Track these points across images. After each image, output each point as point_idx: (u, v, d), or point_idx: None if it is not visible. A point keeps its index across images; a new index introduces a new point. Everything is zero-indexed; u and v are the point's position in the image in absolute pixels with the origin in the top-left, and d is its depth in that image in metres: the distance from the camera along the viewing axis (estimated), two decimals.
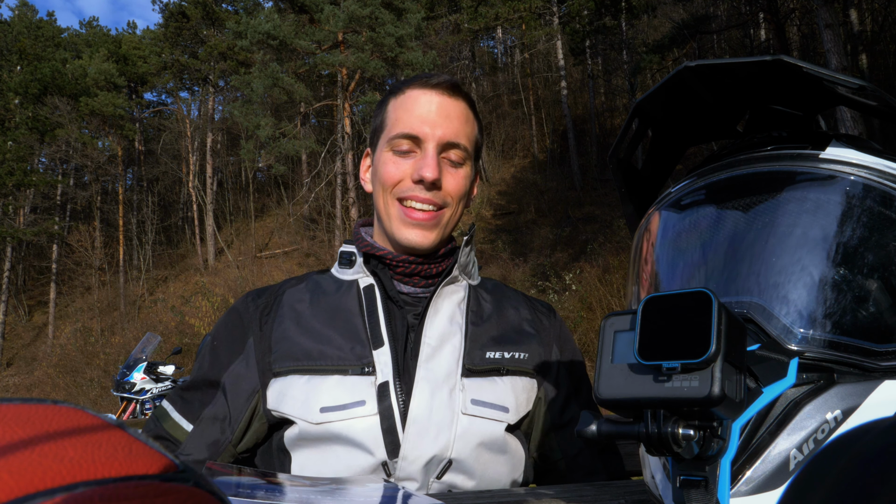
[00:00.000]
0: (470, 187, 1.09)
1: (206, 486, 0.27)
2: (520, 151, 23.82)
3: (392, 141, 1.02)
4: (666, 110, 0.75)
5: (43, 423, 0.25)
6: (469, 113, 1.07)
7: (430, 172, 0.98)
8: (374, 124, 1.11)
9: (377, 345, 0.98)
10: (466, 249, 1.06)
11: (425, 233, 1.02)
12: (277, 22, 16.13)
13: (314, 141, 17.78)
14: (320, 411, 0.92)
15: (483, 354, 1.01)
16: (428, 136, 1.01)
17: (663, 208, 0.70)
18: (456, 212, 1.06)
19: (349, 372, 0.95)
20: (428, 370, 0.96)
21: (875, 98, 0.62)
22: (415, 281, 1.05)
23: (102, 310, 23.46)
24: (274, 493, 0.64)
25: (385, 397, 0.93)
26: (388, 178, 1.02)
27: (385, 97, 1.10)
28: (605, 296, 11.62)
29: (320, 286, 1.08)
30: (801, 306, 0.54)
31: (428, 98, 1.02)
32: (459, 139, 1.03)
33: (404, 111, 1.03)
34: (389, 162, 1.03)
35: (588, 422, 0.48)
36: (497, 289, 1.15)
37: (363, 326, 1.00)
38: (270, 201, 27.48)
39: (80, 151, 25.15)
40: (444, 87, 1.04)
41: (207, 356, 1.05)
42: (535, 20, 20.73)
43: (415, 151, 1.02)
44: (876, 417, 0.50)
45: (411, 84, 1.05)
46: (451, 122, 1.02)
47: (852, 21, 15.36)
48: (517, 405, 1.00)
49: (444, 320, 1.02)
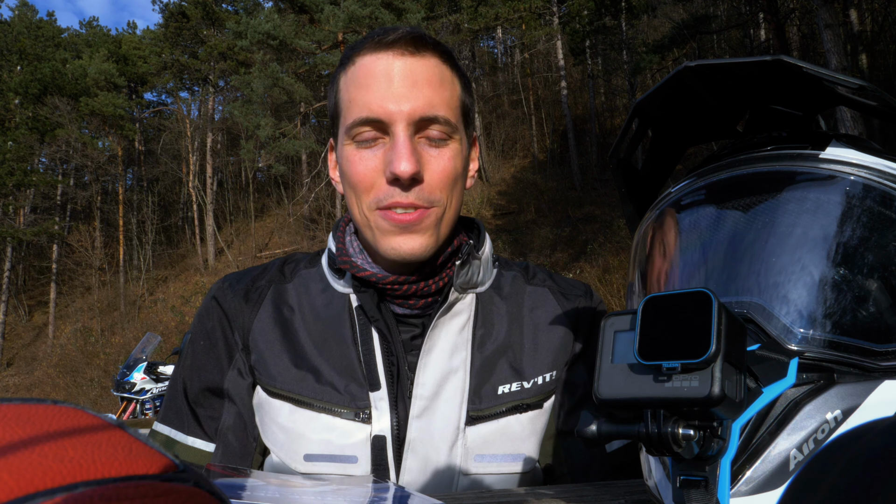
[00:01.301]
0: (463, 167, 0.85)
1: (206, 486, 0.27)
2: (520, 151, 23.82)
3: (351, 130, 0.79)
4: (666, 110, 0.75)
5: (43, 423, 0.25)
6: (444, 70, 0.81)
7: (406, 165, 0.75)
8: (329, 108, 0.88)
9: (374, 387, 0.82)
10: (464, 271, 0.85)
11: (416, 237, 0.80)
12: (277, 22, 16.13)
13: (314, 141, 17.77)
14: (304, 459, 0.80)
15: (494, 391, 0.84)
16: (393, 116, 0.77)
17: (663, 208, 0.70)
18: (450, 205, 0.83)
19: (342, 415, 0.81)
20: (420, 429, 0.81)
21: (875, 98, 0.62)
22: (410, 303, 0.85)
23: (102, 310, 23.46)
24: (274, 494, 0.64)
25: (380, 455, 0.80)
26: (356, 181, 0.80)
27: (336, 71, 0.85)
28: (605, 296, 11.61)
29: (309, 292, 0.90)
30: (801, 306, 0.54)
31: (385, 64, 0.78)
32: (436, 110, 0.78)
33: (357, 88, 0.79)
34: (353, 159, 0.80)
35: (588, 421, 0.48)
36: (516, 284, 0.94)
37: (358, 360, 0.84)
38: (270, 201, 27.49)
39: (80, 151, 25.15)
40: (404, 43, 0.78)
41: (199, 360, 0.91)
42: (535, 20, 20.73)
43: (382, 139, 0.79)
44: (876, 417, 0.50)
45: (362, 49, 0.80)
46: (421, 90, 0.77)
47: (852, 21, 15.36)
48: (538, 442, 0.86)
49: (442, 358, 0.84)
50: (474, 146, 0.92)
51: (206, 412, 0.89)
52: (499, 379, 0.86)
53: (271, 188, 28.12)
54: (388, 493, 0.72)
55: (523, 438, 0.84)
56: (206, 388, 0.90)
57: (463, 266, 0.85)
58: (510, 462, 0.83)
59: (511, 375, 0.86)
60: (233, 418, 0.87)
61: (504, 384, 0.85)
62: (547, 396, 0.88)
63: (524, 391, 0.86)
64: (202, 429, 0.89)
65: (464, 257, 0.85)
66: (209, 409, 0.89)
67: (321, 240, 20.82)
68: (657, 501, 0.56)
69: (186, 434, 0.90)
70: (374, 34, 0.81)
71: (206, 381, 0.90)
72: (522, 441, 0.84)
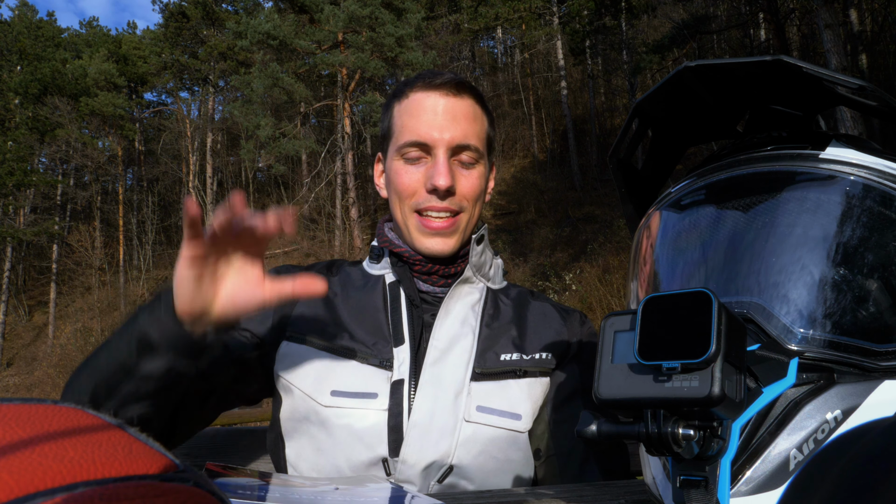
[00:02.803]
0: (485, 185, 1.08)
1: (206, 486, 0.27)
2: (520, 151, 23.82)
3: (401, 149, 1.01)
4: (666, 110, 0.75)
5: (43, 423, 0.25)
6: (477, 109, 1.04)
7: (444, 180, 0.97)
8: (382, 129, 1.10)
9: (398, 342, 0.97)
10: (478, 248, 1.04)
11: (445, 240, 1.01)
12: (277, 22, 16.13)
13: (314, 141, 17.78)
14: (331, 394, 0.92)
15: (497, 357, 0.99)
16: (437, 142, 0.99)
17: (663, 208, 0.70)
18: (473, 214, 1.04)
19: (367, 362, 0.95)
20: (433, 374, 0.95)
21: (875, 98, 0.62)
22: (433, 280, 1.04)
23: (102, 310, 23.47)
24: (274, 494, 0.64)
25: (397, 395, 0.93)
26: (402, 188, 1.01)
27: (389, 100, 1.08)
28: (605, 296, 11.62)
29: (350, 279, 1.08)
30: (801, 306, 0.54)
31: (433, 101, 1.00)
32: (469, 140, 1.01)
33: (409, 117, 1.01)
34: (401, 172, 1.02)
35: (588, 422, 0.48)
36: (521, 296, 1.12)
37: (386, 323, 1.00)
38: (270, 201, 27.49)
39: (80, 151, 25.16)
40: (449, 86, 1.01)
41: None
42: (535, 20, 20.74)
43: (425, 158, 1.01)
44: (876, 417, 0.50)
45: (414, 86, 1.03)
46: (459, 124, 1.00)
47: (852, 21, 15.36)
48: (533, 410, 0.97)
49: (456, 322, 1.01)
50: (493, 170, 1.13)
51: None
52: (502, 349, 1.00)
53: (271, 188, 28.12)
54: (388, 493, 0.72)
55: (520, 400, 0.97)
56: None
57: (479, 243, 1.04)
58: (507, 419, 0.95)
59: (512, 348, 1.01)
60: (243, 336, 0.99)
61: (506, 353, 1.00)
62: (543, 372, 1.01)
63: (523, 361, 1.00)
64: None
65: (478, 236, 1.04)
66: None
67: (321, 240, 20.83)
68: (657, 501, 0.56)
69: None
70: (426, 75, 1.03)
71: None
72: (519, 402, 0.97)
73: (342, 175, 18.29)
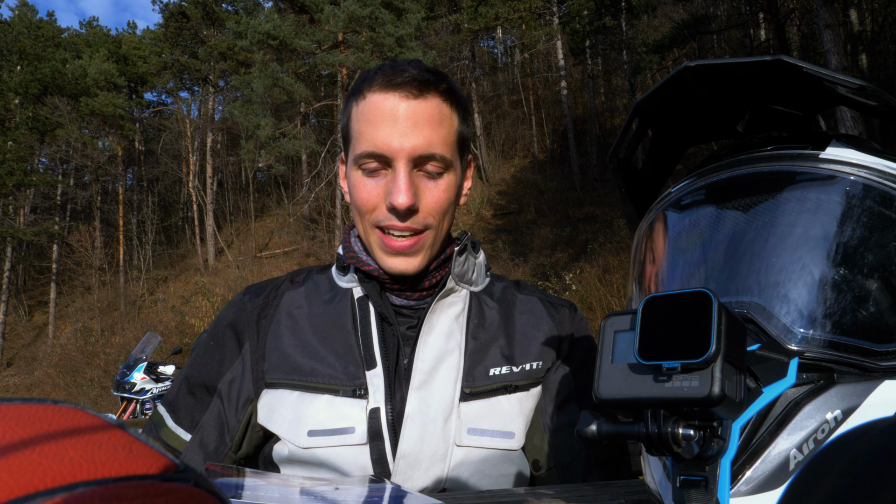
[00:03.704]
0: (456, 195, 0.97)
1: (206, 486, 0.27)
2: (520, 151, 23.83)
3: (358, 160, 0.91)
4: (666, 110, 0.75)
5: (43, 423, 0.25)
6: (444, 109, 0.91)
7: (403, 198, 0.87)
8: (342, 128, 0.99)
9: (370, 365, 0.91)
10: (461, 259, 0.97)
11: (409, 259, 0.92)
12: (277, 22, 16.13)
13: (314, 141, 17.78)
14: (308, 435, 0.87)
15: (486, 372, 0.93)
16: (396, 153, 0.87)
17: (663, 208, 0.70)
18: (441, 229, 0.94)
19: (339, 393, 0.89)
20: (420, 399, 0.89)
21: (875, 98, 0.62)
22: (407, 294, 0.96)
23: (102, 310, 23.47)
24: (274, 494, 0.64)
25: (375, 423, 0.87)
26: (361, 204, 0.92)
27: (348, 98, 0.97)
28: (605, 296, 11.62)
29: (318, 291, 1.01)
30: (801, 306, 0.54)
31: (391, 104, 0.88)
32: (433, 149, 0.89)
33: (366, 123, 0.89)
34: (359, 185, 0.92)
35: (588, 422, 0.48)
36: (506, 292, 1.05)
37: (356, 344, 0.93)
38: (270, 201, 27.49)
39: (80, 151, 25.16)
40: (410, 87, 0.88)
41: (203, 357, 1.00)
42: (535, 20, 20.74)
43: (385, 170, 0.90)
44: (876, 417, 0.50)
45: (373, 84, 0.90)
46: (422, 131, 0.88)
47: (852, 21, 15.36)
48: (525, 425, 0.93)
49: (440, 339, 0.94)
50: (469, 168, 1.03)
51: (193, 403, 0.98)
52: (490, 363, 0.94)
53: (271, 188, 28.12)
54: (386, 493, 0.72)
55: (512, 417, 0.92)
56: (202, 383, 0.98)
57: (461, 254, 0.97)
58: (500, 438, 0.90)
59: (501, 360, 0.95)
60: (215, 415, 0.94)
61: (495, 367, 0.94)
62: (534, 383, 0.96)
63: (513, 374, 0.94)
64: (187, 418, 0.97)
65: (461, 246, 0.97)
66: (196, 401, 0.98)
67: (321, 240, 20.83)
68: (657, 501, 0.56)
69: (172, 420, 0.98)
70: (386, 70, 0.91)
71: (204, 378, 0.98)
72: (511, 419, 0.92)
73: None
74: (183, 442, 0.95)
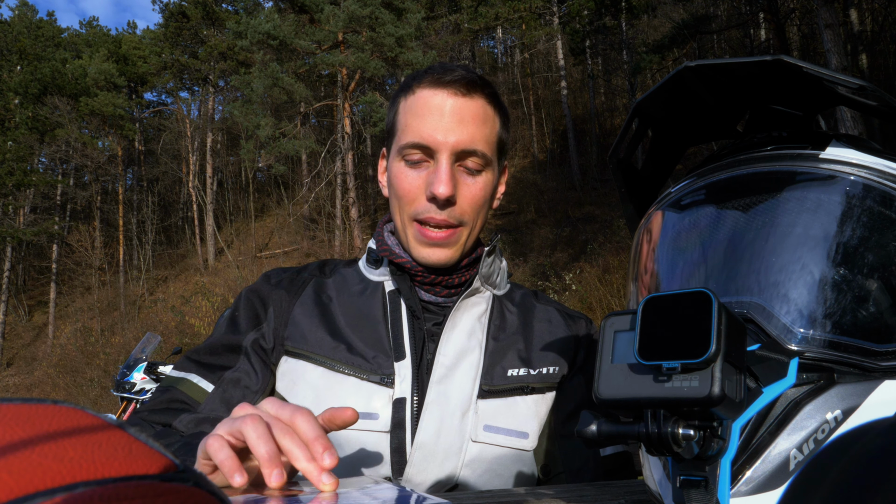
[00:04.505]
0: (492, 194, 1.01)
1: (206, 486, 0.27)
2: (520, 151, 23.82)
3: (403, 150, 0.94)
4: (666, 110, 0.75)
5: (43, 423, 0.25)
6: (488, 110, 0.96)
7: (444, 188, 0.90)
8: (388, 123, 1.03)
9: (399, 356, 0.93)
10: (489, 260, 1.00)
11: (444, 250, 0.95)
12: (277, 22, 16.13)
13: (314, 141, 17.77)
14: None
15: (504, 372, 0.95)
16: (440, 146, 0.91)
17: (663, 208, 0.70)
18: (475, 227, 0.98)
19: (367, 379, 0.91)
20: (439, 392, 0.91)
21: (875, 98, 0.62)
22: (436, 290, 0.99)
23: (102, 310, 23.47)
24: (274, 493, 0.64)
25: (399, 413, 0.89)
26: (402, 193, 0.95)
27: (396, 94, 1.01)
28: (605, 296, 11.62)
29: (347, 284, 1.03)
30: (801, 306, 0.54)
31: (440, 100, 0.92)
32: (476, 145, 0.93)
33: (414, 116, 0.93)
34: (402, 175, 0.95)
35: (588, 422, 0.48)
36: (526, 300, 1.08)
37: (387, 335, 0.95)
38: (270, 201, 27.49)
39: (80, 151, 25.16)
40: (458, 85, 0.92)
41: (225, 325, 1.00)
42: (535, 20, 20.73)
43: (427, 162, 0.94)
44: (876, 417, 0.50)
45: (422, 81, 0.95)
46: (466, 127, 0.92)
47: (852, 21, 15.36)
48: (539, 427, 0.94)
49: (462, 336, 0.96)
50: (504, 173, 1.07)
51: (217, 360, 0.97)
52: (508, 364, 0.97)
53: (271, 188, 28.12)
54: (390, 493, 0.72)
55: (527, 418, 0.94)
56: (225, 343, 0.98)
57: (490, 255, 1.00)
58: (515, 437, 0.92)
59: (519, 363, 0.97)
60: (241, 373, 0.94)
61: (513, 368, 0.96)
62: (550, 387, 0.98)
63: (530, 376, 0.97)
64: (210, 371, 0.96)
65: (491, 247, 1.00)
66: (221, 358, 0.97)
67: (321, 240, 20.83)
68: (657, 501, 0.56)
69: (195, 373, 0.96)
70: (436, 69, 0.95)
71: (226, 339, 0.98)
72: (526, 420, 0.94)
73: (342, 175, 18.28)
74: (205, 393, 0.94)
